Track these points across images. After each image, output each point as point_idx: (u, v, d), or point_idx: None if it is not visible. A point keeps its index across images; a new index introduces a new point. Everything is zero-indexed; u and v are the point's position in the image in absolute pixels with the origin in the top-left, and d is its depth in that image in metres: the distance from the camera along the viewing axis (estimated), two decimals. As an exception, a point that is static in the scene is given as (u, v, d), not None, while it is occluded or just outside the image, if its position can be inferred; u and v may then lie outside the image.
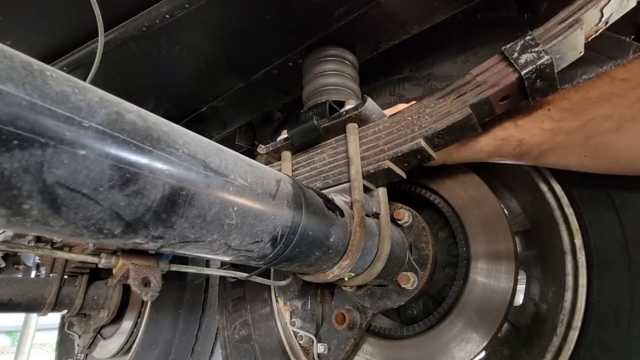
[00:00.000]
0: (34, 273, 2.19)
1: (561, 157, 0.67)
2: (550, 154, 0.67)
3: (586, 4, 0.60)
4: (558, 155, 0.67)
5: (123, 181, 0.35)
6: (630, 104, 0.58)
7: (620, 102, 0.59)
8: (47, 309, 1.55)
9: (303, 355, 1.05)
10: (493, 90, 0.63)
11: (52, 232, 0.35)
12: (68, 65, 0.94)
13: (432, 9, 0.91)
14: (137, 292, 0.54)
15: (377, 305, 0.87)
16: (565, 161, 0.68)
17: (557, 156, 0.67)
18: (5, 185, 0.29)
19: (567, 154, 0.66)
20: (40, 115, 0.30)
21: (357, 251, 0.66)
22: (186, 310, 1.75)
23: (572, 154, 0.65)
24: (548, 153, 0.67)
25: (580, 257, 0.73)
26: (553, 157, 0.68)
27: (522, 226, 0.88)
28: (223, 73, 1.10)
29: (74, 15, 0.87)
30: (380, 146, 0.73)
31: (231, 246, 0.48)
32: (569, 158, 0.67)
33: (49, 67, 0.33)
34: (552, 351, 0.73)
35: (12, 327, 6.13)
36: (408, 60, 1.06)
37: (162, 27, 0.86)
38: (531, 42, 0.61)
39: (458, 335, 0.80)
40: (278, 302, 1.15)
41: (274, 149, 0.88)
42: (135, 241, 0.40)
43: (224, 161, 0.47)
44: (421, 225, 0.88)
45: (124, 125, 0.36)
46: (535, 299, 0.82)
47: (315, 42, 0.97)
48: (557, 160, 0.68)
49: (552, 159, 0.69)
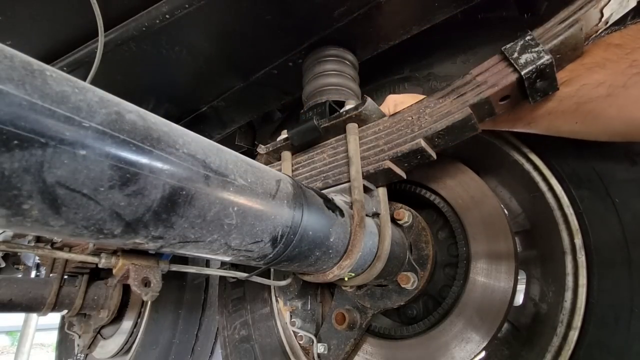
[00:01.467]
0: (34, 273, 2.19)
1: (553, 123, 0.68)
2: (543, 120, 0.68)
3: (586, 4, 0.60)
4: (550, 122, 0.67)
5: (123, 181, 0.35)
6: (622, 70, 0.58)
7: (614, 67, 0.59)
8: (47, 309, 1.55)
9: (303, 355, 1.05)
10: (493, 90, 0.63)
11: (52, 232, 0.34)
12: (68, 65, 0.94)
13: (432, 9, 0.91)
14: (137, 292, 0.54)
15: (377, 305, 0.88)
16: (556, 127, 0.69)
17: (549, 122, 0.68)
18: (5, 185, 0.29)
19: (558, 120, 0.66)
20: (40, 115, 0.30)
21: (357, 251, 0.66)
22: (186, 310, 1.75)
23: (564, 121, 0.66)
24: (540, 119, 0.68)
25: (580, 257, 0.73)
26: (545, 122, 0.68)
27: (522, 226, 0.88)
28: (223, 73, 1.10)
29: (74, 15, 0.87)
30: (380, 146, 0.73)
31: (231, 246, 0.48)
32: (561, 124, 0.67)
33: (49, 67, 0.33)
34: (552, 351, 0.73)
35: (12, 327, 6.14)
36: (408, 60, 1.06)
37: (162, 27, 0.87)
38: (531, 42, 0.61)
39: (458, 335, 0.80)
40: (278, 302, 1.14)
41: (274, 149, 0.88)
42: (135, 241, 0.40)
43: (224, 161, 0.47)
44: (421, 225, 0.88)
45: (124, 125, 0.36)
46: (535, 299, 0.82)
47: (315, 42, 0.97)
48: (548, 126, 0.69)
49: (544, 125, 0.69)
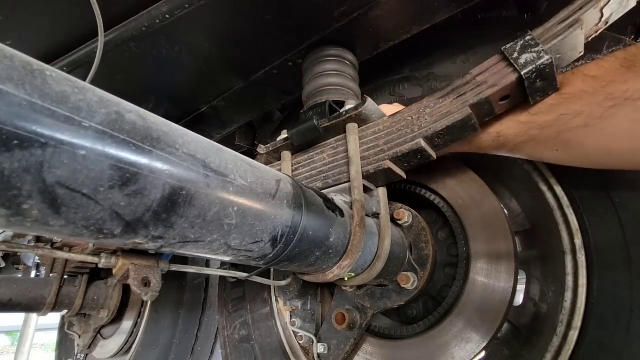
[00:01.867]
0: (34, 273, 2.19)
1: (535, 150, 0.69)
2: (525, 147, 0.69)
3: (586, 4, 0.60)
4: (532, 148, 0.69)
5: (123, 181, 0.35)
6: (598, 102, 0.59)
7: (590, 99, 0.60)
8: (47, 309, 1.55)
9: (303, 355, 1.05)
10: (493, 90, 0.63)
11: (52, 232, 0.34)
12: (68, 65, 0.94)
13: (432, 9, 0.91)
14: (137, 292, 0.54)
15: (377, 305, 0.87)
16: (539, 154, 0.70)
17: (531, 149, 0.69)
18: (5, 185, 0.29)
19: (540, 147, 0.67)
20: (40, 115, 0.30)
21: (357, 251, 0.66)
22: (186, 310, 1.75)
23: (545, 148, 0.67)
24: (523, 145, 0.69)
25: (580, 257, 0.73)
26: (528, 149, 0.69)
27: (522, 226, 0.88)
28: (223, 73, 1.10)
29: (74, 15, 0.87)
30: (380, 146, 0.73)
31: (231, 246, 0.48)
32: (543, 151, 0.68)
33: (49, 67, 0.33)
34: (552, 351, 0.73)
35: (12, 327, 6.13)
36: (408, 60, 1.06)
37: (162, 27, 0.86)
38: (531, 42, 0.61)
39: (458, 335, 0.80)
40: (278, 302, 1.14)
41: (274, 149, 0.88)
42: (135, 241, 0.40)
43: (224, 161, 0.47)
44: (421, 225, 0.88)
45: (124, 125, 0.36)
46: (535, 299, 0.82)
47: (315, 42, 0.97)
48: (531, 152, 0.70)
49: (527, 151, 0.70)
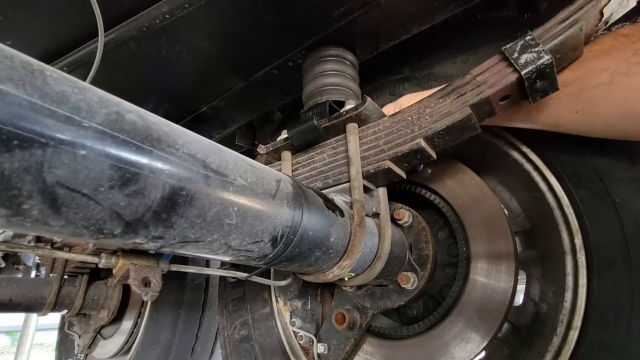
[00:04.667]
0: (34, 273, 2.18)
1: (553, 112, 0.68)
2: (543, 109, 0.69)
3: (586, 4, 0.60)
4: (550, 111, 0.68)
5: (123, 181, 0.35)
6: (626, 57, 0.60)
7: (619, 54, 0.61)
8: (47, 309, 1.55)
9: (303, 355, 1.05)
10: (493, 90, 0.63)
11: (52, 232, 0.34)
12: (68, 65, 0.94)
13: (432, 9, 0.91)
14: (137, 292, 0.54)
15: (377, 305, 0.87)
16: (556, 118, 0.69)
17: (549, 112, 0.69)
18: (5, 185, 0.29)
19: (559, 108, 0.67)
20: (40, 115, 0.30)
21: (357, 251, 0.65)
22: (186, 310, 1.75)
23: (565, 109, 0.67)
24: (541, 107, 0.68)
25: (580, 257, 0.73)
26: (545, 113, 0.69)
27: (522, 226, 0.88)
28: (223, 73, 1.10)
29: (74, 15, 0.87)
30: (380, 146, 0.73)
31: (231, 246, 0.48)
32: (562, 114, 0.68)
33: (49, 67, 0.33)
34: (552, 351, 0.73)
35: (12, 327, 6.14)
36: (408, 60, 1.06)
37: (162, 27, 0.86)
38: (531, 42, 0.61)
39: (458, 335, 0.80)
40: (278, 302, 1.14)
41: (274, 149, 0.88)
42: (135, 241, 0.40)
43: (224, 161, 0.47)
44: (421, 225, 0.88)
45: (124, 125, 0.36)
46: (535, 299, 0.82)
47: (315, 42, 0.97)
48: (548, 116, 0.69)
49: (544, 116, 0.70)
